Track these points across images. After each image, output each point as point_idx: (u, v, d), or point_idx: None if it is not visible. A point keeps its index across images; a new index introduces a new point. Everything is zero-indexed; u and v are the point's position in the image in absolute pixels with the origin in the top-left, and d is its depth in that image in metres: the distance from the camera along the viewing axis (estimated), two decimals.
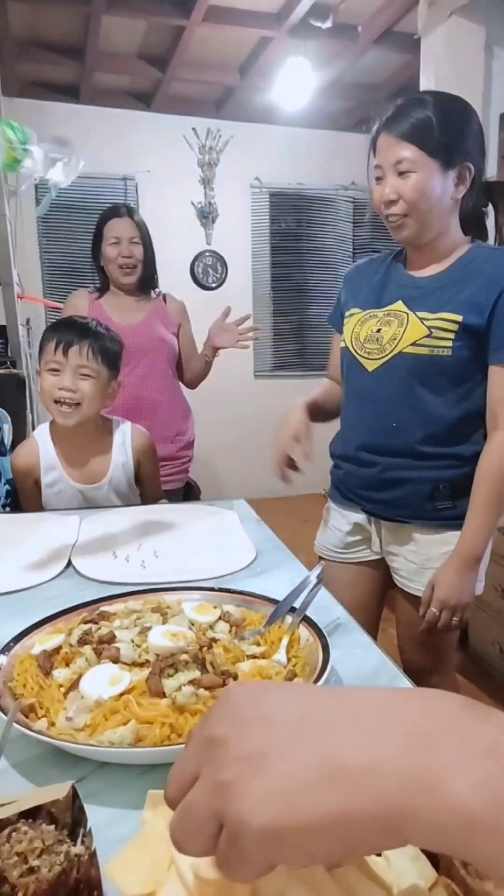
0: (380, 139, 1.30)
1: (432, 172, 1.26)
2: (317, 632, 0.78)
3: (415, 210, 1.28)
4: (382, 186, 1.30)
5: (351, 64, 3.98)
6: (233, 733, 0.34)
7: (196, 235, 5.01)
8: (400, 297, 1.37)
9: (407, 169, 1.26)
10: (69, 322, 1.62)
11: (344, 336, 1.44)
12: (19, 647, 0.77)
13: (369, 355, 1.37)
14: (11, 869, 0.39)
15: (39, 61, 3.98)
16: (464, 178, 1.29)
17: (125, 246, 2.16)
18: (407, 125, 1.26)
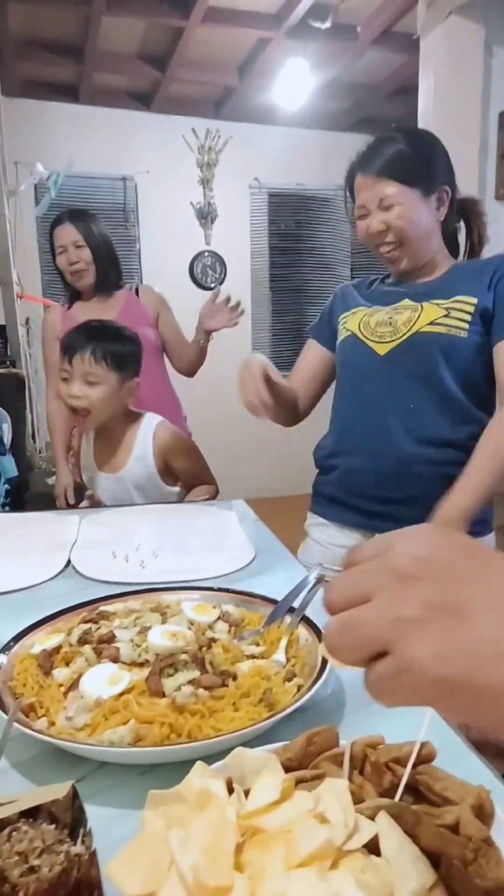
0: (358, 180, 1.37)
1: (415, 201, 1.33)
2: (316, 631, 0.78)
3: (405, 237, 1.34)
4: (368, 220, 1.36)
5: (350, 64, 3.98)
6: (432, 577, 0.34)
7: (195, 236, 5.01)
8: (405, 296, 1.39)
9: (391, 203, 1.33)
10: (81, 327, 1.62)
11: (348, 326, 1.43)
12: (19, 646, 0.77)
13: (381, 339, 1.36)
14: (12, 868, 0.39)
15: (39, 61, 3.98)
16: (443, 201, 1.36)
17: (71, 252, 2.14)
18: (383, 163, 1.33)
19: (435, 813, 0.45)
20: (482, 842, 0.42)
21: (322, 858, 0.40)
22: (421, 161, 1.34)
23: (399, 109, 4.60)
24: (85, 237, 2.14)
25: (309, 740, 0.52)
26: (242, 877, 0.39)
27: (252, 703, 0.67)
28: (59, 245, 2.14)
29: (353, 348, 1.42)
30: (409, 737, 0.51)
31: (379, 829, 0.42)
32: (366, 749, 0.50)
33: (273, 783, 0.45)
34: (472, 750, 0.63)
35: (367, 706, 0.71)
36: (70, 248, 2.13)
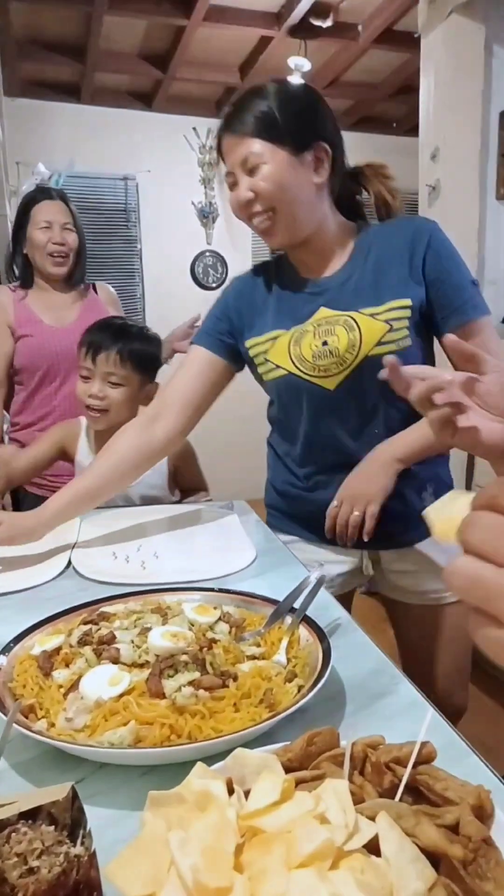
0: (224, 142, 1.19)
1: (282, 160, 1.14)
2: (317, 632, 0.78)
3: (276, 203, 1.16)
4: (238, 190, 1.18)
5: (351, 63, 3.97)
6: None
7: (196, 235, 5.01)
8: (319, 303, 1.21)
9: (256, 163, 1.14)
10: (105, 324, 1.58)
11: (273, 360, 1.23)
12: (19, 647, 0.77)
13: (326, 372, 1.18)
14: (11, 869, 0.39)
15: (40, 61, 3.98)
16: (321, 160, 1.17)
17: (57, 232, 1.94)
18: (248, 119, 1.15)
19: (435, 813, 0.45)
20: (482, 842, 0.42)
21: (322, 859, 0.40)
22: (290, 115, 1.15)
23: (400, 108, 4.60)
24: (74, 221, 2.00)
25: (309, 741, 0.52)
26: (242, 877, 0.39)
27: (252, 703, 0.67)
28: (45, 220, 1.93)
29: (292, 387, 1.23)
30: (409, 737, 0.51)
31: (379, 829, 0.42)
32: (366, 749, 0.50)
33: (273, 784, 0.45)
34: (472, 750, 0.63)
35: (367, 707, 0.71)
36: (57, 226, 1.94)
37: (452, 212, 2.54)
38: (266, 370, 1.25)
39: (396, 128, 4.92)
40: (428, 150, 2.64)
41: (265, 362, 1.24)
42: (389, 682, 0.76)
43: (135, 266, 4.85)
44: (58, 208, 1.96)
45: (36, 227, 1.94)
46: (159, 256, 4.88)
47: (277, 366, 1.23)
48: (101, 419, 1.52)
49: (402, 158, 4.80)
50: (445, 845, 0.41)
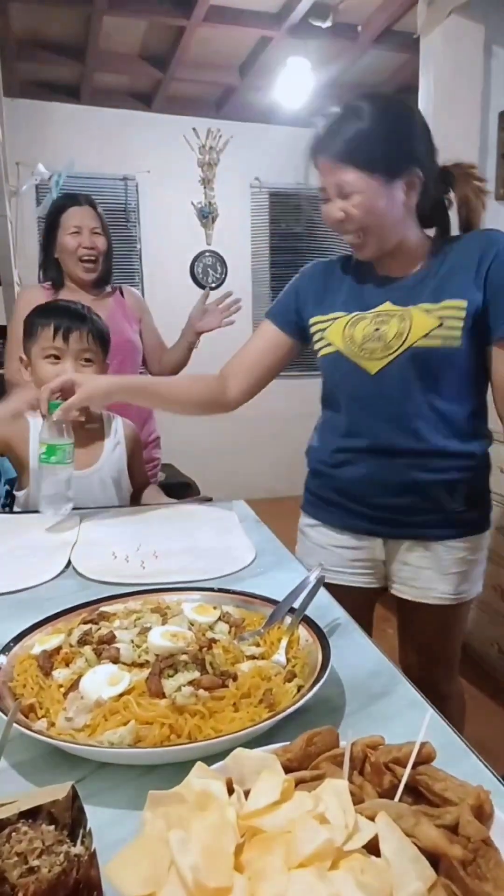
0: (318, 160, 1.25)
1: (375, 190, 1.21)
2: (316, 632, 0.78)
3: (366, 225, 1.24)
4: (330, 206, 1.26)
5: (351, 63, 3.98)
6: None
7: (196, 235, 5.01)
8: (387, 297, 1.29)
9: (349, 191, 1.22)
10: (62, 307, 1.57)
11: (329, 338, 1.32)
12: (19, 647, 0.77)
13: (371, 355, 1.26)
14: (11, 869, 0.39)
15: (40, 61, 3.98)
16: (413, 186, 1.24)
17: (86, 236, 2.00)
18: (342, 145, 1.20)
19: (434, 813, 0.45)
20: (481, 842, 0.42)
21: (322, 859, 0.40)
22: (386, 142, 1.20)
23: None
24: (102, 226, 2.05)
25: (309, 741, 0.52)
26: (242, 877, 0.40)
27: (252, 703, 0.67)
28: (74, 225, 2.00)
29: (339, 366, 1.32)
30: (408, 737, 0.51)
31: (379, 829, 0.42)
32: (366, 749, 0.50)
33: (273, 784, 0.45)
34: (472, 750, 0.63)
35: (367, 707, 0.71)
36: (86, 231, 2.00)
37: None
38: (321, 346, 1.35)
39: None
40: None
41: (322, 339, 1.35)
42: (389, 682, 0.76)
43: (134, 266, 4.85)
44: (86, 213, 2.02)
45: (66, 232, 2.01)
46: (159, 257, 4.88)
47: (330, 343, 1.33)
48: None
49: None
50: (445, 846, 0.41)
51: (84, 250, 2.01)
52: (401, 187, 1.23)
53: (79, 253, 2.01)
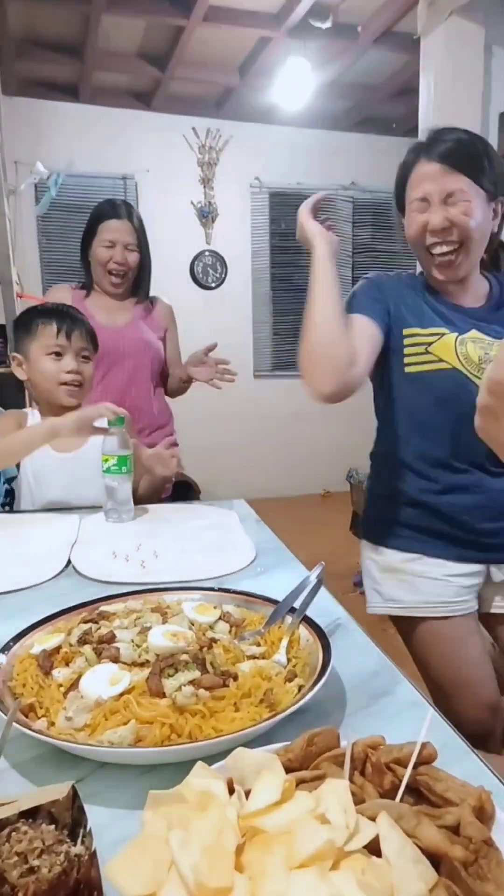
0: (420, 169, 1.25)
1: (482, 202, 1.23)
2: (317, 632, 0.78)
3: (467, 237, 1.23)
4: (428, 215, 1.24)
5: (350, 64, 3.98)
6: None
7: (196, 235, 5.01)
8: (472, 326, 1.30)
9: (461, 198, 1.22)
10: (57, 308, 1.64)
11: (441, 356, 1.28)
12: (19, 646, 0.77)
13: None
14: (11, 869, 0.39)
15: (39, 60, 3.98)
16: (497, 213, 1.27)
17: (119, 251, 2.01)
18: (453, 151, 1.22)
19: (436, 814, 0.45)
20: (483, 843, 0.42)
21: (323, 859, 0.40)
22: (492, 161, 1.24)
23: (400, 109, 4.60)
24: (138, 242, 2.05)
25: (310, 741, 0.52)
26: (243, 877, 0.39)
27: (253, 703, 0.67)
28: (109, 239, 1.99)
29: (454, 383, 1.27)
30: (409, 737, 0.51)
31: (380, 829, 0.42)
32: (366, 750, 0.50)
33: (274, 784, 0.45)
34: (472, 750, 0.63)
35: (367, 707, 0.71)
36: (120, 246, 2.00)
37: None
38: (424, 360, 1.29)
39: (396, 129, 4.92)
40: None
41: (425, 352, 1.29)
42: (389, 682, 0.76)
43: None
44: (124, 228, 2.01)
45: (100, 243, 2.01)
46: (158, 256, 4.84)
47: (441, 359, 1.28)
48: (78, 393, 1.59)
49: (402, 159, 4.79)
50: (446, 846, 0.41)
51: (114, 265, 2.02)
52: (493, 210, 1.26)
53: (108, 266, 2.02)
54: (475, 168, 1.22)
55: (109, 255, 2.01)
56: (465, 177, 1.22)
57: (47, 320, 1.56)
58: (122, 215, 2.03)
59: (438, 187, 1.23)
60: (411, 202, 1.28)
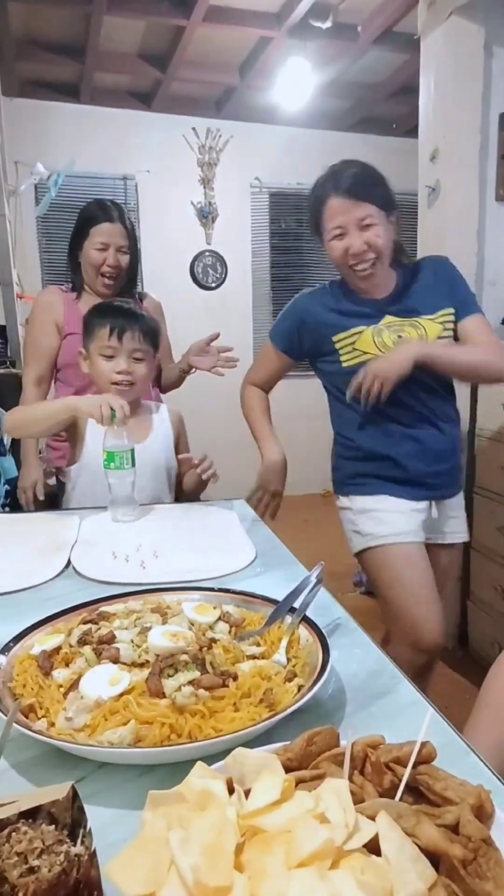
0: (332, 203, 1.54)
1: (386, 223, 1.56)
2: (316, 632, 0.78)
3: (380, 253, 1.56)
4: (347, 241, 1.55)
5: (351, 64, 3.97)
6: None
7: (196, 235, 5.01)
8: (385, 312, 1.63)
9: (371, 223, 1.53)
10: (116, 307, 1.68)
11: (361, 347, 1.62)
12: (19, 647, 0.77)
13: None
14: (11, 869, 0.39)
15: (39, 61, 3.98)
16: (394, 223, 1.59)
17: (112, 254, 2.01)
18: (359, 187, 1.53)
19: (435, 813, 0.45)
20: (482, 842, 0.42)
21: (322, 858, 0.40)
22: (383, 184, 1.56)
23: (399, 109, 4.60)
24: (129, 244, 2.04)
25: (309, 740, 0.52)
26: (243, 877, 0.39)
27: (252, 703, 0.67)
28: (101, 241, 1.99)
29: None
30: (409, 737, 0.51)
31: (379, 829, 0.42)
32: (366, 749, 0.50)
33: (273, 783, 0.45)
34: (472, 750, 0.63)
35: (367, 706, 0.71)
36: (112, 249, 2.00)
37: (452, 212, 2.54)
38: (353, 356, 1.64)
39: (396, 129, 4.92)
40: (427, 151, 2.64)
41: (352, 350, 1.64)
42: (389, 682, 0.76)
43: None
44: (116, 231, 2.01)
45: (92, 245, 2.00)
46: (159, 256, 4.87)
47: (365, 352, 1.62)
48: (128, 392, 1.61)
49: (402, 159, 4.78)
50: (446, 845, 0.41)
51: (107, 268, 2.02)
52: (393, 223, 1.58)
53: (101, 269, 2.02)
54: (374, 195, 1.53)
55: (102, 258, 2.01)
56: (369, 204, 1.52)
57: (102, 321, 1.61)
58: (114, 218, 2.02)
59: (351, 217, 1.53)
60: (329, 231, 1.57)
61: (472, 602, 2.70)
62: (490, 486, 2.53)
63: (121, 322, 1.60)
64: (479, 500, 2.61)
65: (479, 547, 2.62)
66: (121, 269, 2.04)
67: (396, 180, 1.56)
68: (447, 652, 2.78)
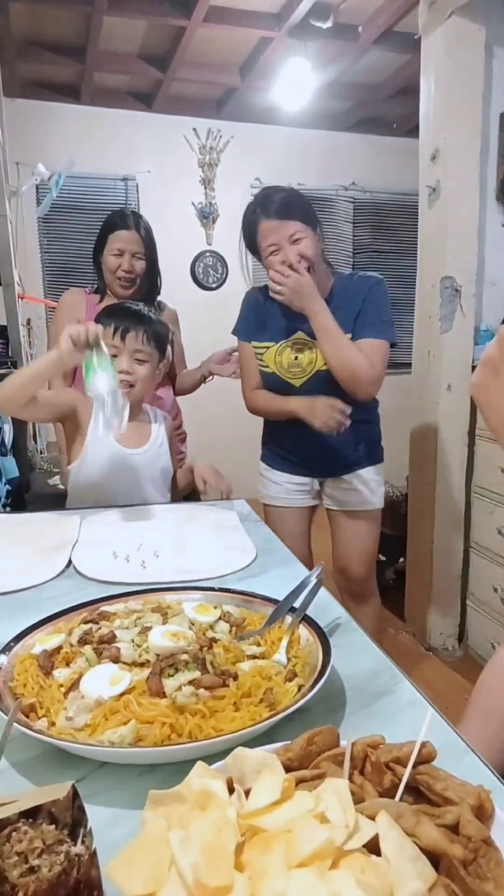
0: (263, 226, 1.76)
1: (312, 236, 1.76)
2: (317, 631, 0.78)
3: (312, 265, 1.76)
4: (282, 255, 1.75)
5: (351, 64, 3.97)
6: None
7: (196, 236, 5.01)
8: (298, 328, 1.87)
9: (300, 237, 1.73)
10: (125, 308, 1.71)
11: (266, 362, 1.94)
12: (19, 646, 0.77)
13: (294, 376, 1.92)
14: (12, 868, 0.39)
15: (40, 61, 3.98)
16: (319, 235, 1.80)
17: (127, 259, 2.13)
18: (286, 208, 1.74)
19: (435, 813, 0.45)
20: (482, 842, 0.42)
21: (322, 858, 0.40)
22: (305, 203, 1.79)
23: (400, 109, 4.59)
24: (145, 250, 2.16)
25: (309, 740, 0.52)
26: (243, 876, 0.39)
27: (253, 703, 0.67)
28: (118, 248, 2.13)
29: (276, 382, 1.94)
30: (409, 737, 0.51)
31: (379, 828, 0.42)
32: (366, 749, 0.50)
33: (273, 783, 0.45)
34: (472, 750, 0.63)
35: (367, 706, 0.71)
36: (127, 254, 2.13)
37: (452, 213, 2.54)
38: (261, 365, 1.96)
39: (396, 129, 4.91)
40: (428, 152, 2.64)
41: (261, 361, 1.95)
42: (389, 682, 0.76)
43: None
44: (132, 238, 2.14)
45: (110, 252, 2.14)
46: (159, 257, 4.87)
47: (267, 365, 1.94)
48: (129, 393, 1.61)
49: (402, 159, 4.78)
50: (446, 845, 0.41)
51: (122, 272, 2.14)
52: (319, 236, 1.80)
53: (118, 273, 2.14)
54: (299, 213, 1.74)
55: (118, 263, 2.14)
56: (297, 221, 1.73)
57: (108, 320, 1.62)
58: (130, 226, 2.15)
59: (283, 234, 1.74)
60: (265, 250, 1.78)
61: (471, 602, 2.70)
62: (489, 487, 2.53)
63: (125, 322, 1.61)
64: (479, 501, 2.61)
65: (479, 547, 2.62)
66: (136, 273, 2.16)
67: (396, 180, 1.57)
68: (447, 652, 2.78)
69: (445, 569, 2.75)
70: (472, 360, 2.62)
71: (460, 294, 2.58)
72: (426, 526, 2.74)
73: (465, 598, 2.75)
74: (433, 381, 2.68)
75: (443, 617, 2.78)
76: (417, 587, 2.90)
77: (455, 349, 2.61)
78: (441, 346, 2.59)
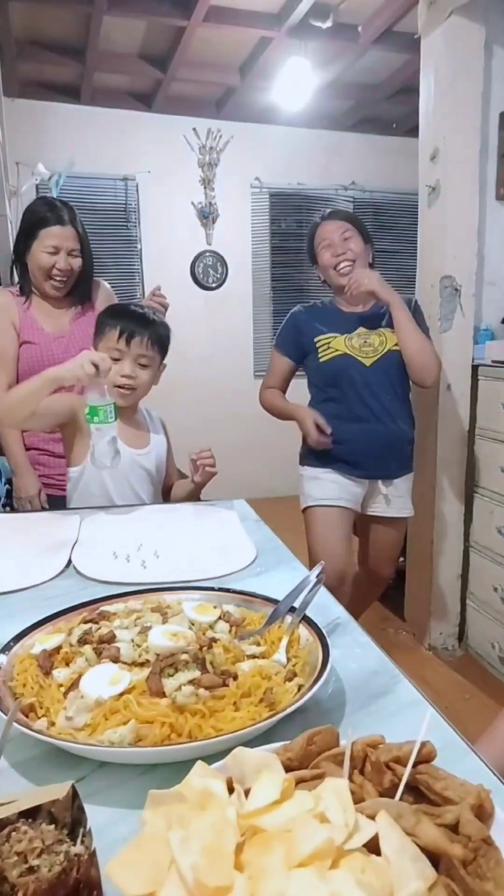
0: (324, 226, 2.18)
1: (360, 240, 2.17)
2: (316, 631, 0.78)
3: (356, 257, 2.14)
4: (332, 248, 2.14)
5: (351, 64, 3.97)
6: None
7: (196, 236, 5.01)
8: (359, 325, 2.17)
9: (350, 236, 2.15)
10: (130, 311, 1.67)
11: (335, 346, 2.15)
12: (19, 646, 0.77)
13: (366, 355, 2.13)
14: (11, 868, 0.39)
15: (40, 61, 3.98)
16: (369, 252, 2.21)
17: (62, 258, 1.92)
18: (343, 215, 2.27)
19: (435, 812, 0.45)
20: (482, 841, 0.42)
21: (322, 858, 0.40)
22: (360, 223, 2.23)
23: (400, 109, 4.60)
24: (81, 247, 1.96)
25: (309, 740, 0.52)
26: (243, 876, 0.39)
27: (252, 702, 0.67)
28: (52, 245, 1.90)
29: (345, 363, 2.13)
30: (409, 736, 0.51)
31: (379, 828, 0.42)
32: (366, 748, 0.50)
33: (273, 783, 0.45)
34: (472, 750, 0.63)
35: (367, 706, 0.71)
36: (63, 252, 1.92)
37: (452, 212, 2.54)
38: (328, 353, 2.16)
39: (396, 128, 4.91)
40: (428, 151, 2.63)
41: (329, 349, 2.16)
42: (389, 682, 0.76)
43: (135, 266, 4.85)
44: (67, 234, 1.92)
45: (42, 248, 1.91)
46: (159, 257, 4.87)
47: (336, 350, 2.15)
48: (129, 396, 1.63)
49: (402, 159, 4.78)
50: (445, 845, 0.41)
51: (58, 271, 1.93)
52: (368, 250, 2.20)
53: (52, 272, 1.94)
54: (353, 221, 2.20)
55: (52, 262, 1.92)
56: (348, 223, 2.17)
57: (113, 322, 1.61)
58: (65, 220, 1.92)
59: (335, 231, 2.15)
60: (319, 245, 2.18)
61: (471, 602, 2.70)
62: (490, 487, 2.53)
63: (131, 326, 1.59)
64: (479, 501, 2.61)
65: (479, 547, 2.62)
66: (72, 272, 1.96)
67: (396, 180, 1.57)
68: (447, 651, 2.78)
69: (445, 568, 2.75)
70: (471, 360, 2.62)
71: (460, 293, 2.58)
72: (426, 526, 2.74)
73: (465, 597, 2.75)
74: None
75: (443, 617, 2.78)
76: (417, 587, 2.90)
77: (455, 349, 2.61)
78: (441, 346, 2.58)
